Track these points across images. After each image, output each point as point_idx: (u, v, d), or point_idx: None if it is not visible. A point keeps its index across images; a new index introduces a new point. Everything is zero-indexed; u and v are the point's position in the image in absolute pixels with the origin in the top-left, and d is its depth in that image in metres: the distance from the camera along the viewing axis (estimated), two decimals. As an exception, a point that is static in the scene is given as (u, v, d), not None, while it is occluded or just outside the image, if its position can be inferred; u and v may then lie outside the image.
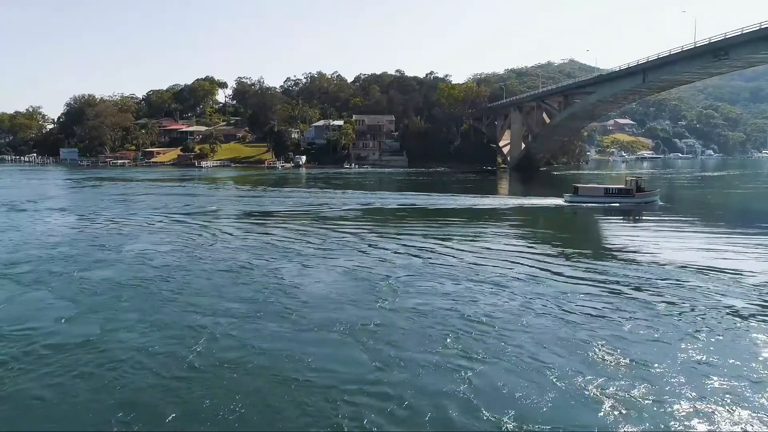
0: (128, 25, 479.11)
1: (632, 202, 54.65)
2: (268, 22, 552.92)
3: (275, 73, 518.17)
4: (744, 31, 72.09)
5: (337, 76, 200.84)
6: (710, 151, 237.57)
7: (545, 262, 28.16)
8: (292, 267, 26.87)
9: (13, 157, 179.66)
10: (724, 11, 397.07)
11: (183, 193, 72.79)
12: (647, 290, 22.78)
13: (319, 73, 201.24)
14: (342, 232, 38.02)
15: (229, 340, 17.07)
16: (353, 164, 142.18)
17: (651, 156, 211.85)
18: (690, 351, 16.39)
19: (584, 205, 53.69)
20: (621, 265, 27.66)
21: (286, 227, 40.71)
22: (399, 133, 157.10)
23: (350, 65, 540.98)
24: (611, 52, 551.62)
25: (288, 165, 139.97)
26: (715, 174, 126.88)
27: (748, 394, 13.71)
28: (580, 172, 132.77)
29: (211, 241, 34.62)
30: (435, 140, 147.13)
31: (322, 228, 40.03)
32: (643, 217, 49.27)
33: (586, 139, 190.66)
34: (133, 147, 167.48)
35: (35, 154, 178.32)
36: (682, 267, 27.04)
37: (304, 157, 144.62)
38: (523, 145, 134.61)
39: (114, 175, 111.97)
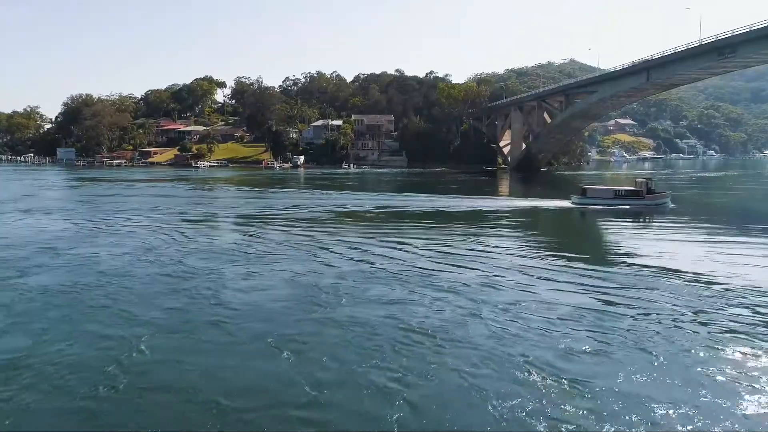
0: (128, 25, 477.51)
1: (642, 204, 52.25)
2: (268, 21, 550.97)
3: (275, 73, 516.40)
4: (752, 28, 69.62)
5: (336, 75, 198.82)
6: (712, 152, 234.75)
7: (553, 269, 25.78)
8: (238, 273, 25.45)
9: (10, 157, 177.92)
10: (728, 9, 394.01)
11: (163, 194, 70.39)
12: (663, 311, 20.34)
13: (319, 73, 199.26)
14: (326, 237, 35.80)
15: (154, 355, 15.85)
16: (352, 164, 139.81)
17: (652, 156, 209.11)
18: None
19: (592, 207, 51.28)
20: (636, 276, 25.21)
21: (249, 230, 39.17)
22: (398, 133, 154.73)
23: (350, 65, 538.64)
24: (612, 52, 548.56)
25: (286, 165, 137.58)
26: (720, 174, 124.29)
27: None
28: (582, 172, 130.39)
29: (166, 244, 32.98)
30: (435, 140, 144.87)
31: (293, 232, 38.21)
32: (655, 221, 46.79)
33: (587, 139, 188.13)
34: (131, 147, 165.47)
35: (32, 154, 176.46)
36: (702, 278, 24.60)
37: (302, 157, 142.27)
38: (524, 145, 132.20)
39: (107, 175, 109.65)
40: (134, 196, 67.32)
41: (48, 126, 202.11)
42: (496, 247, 32.46)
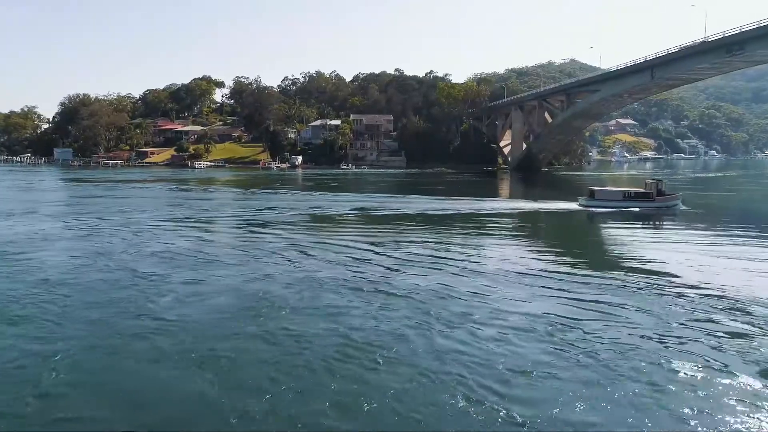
0: (128, 24, 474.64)
1: (652, 207, 49.69)
2: (268, 21, 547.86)
3: (275, 72, 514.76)
4: (761, 25, 67.12)
5: (335, 75, 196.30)
6: (713, 152, 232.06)
7: (555, 279, 23.05)
8: (182, 280, 23.47)
9: (6, 157, 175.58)
10: (730, 9, 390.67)
11: (145, 195, 67.44)
12: (665, 329, 17.72)
13: (318, 73, 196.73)
14: (299, 242, 33.21)
15: (65, 374, 14.19)
16: (350, 165, 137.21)
17: (654, 156, 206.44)
18: None
19: (601, 209, 48.74)
20: (645, 287, 22.57)
21: (214, 234, 36.83)
22: (397, 133, 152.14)
23: (349, 65, 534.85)
24: (613, 53, 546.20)
25: (283, 165, 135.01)
26: (723, 175, 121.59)
27: None
28: (583, 173, 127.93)
29: (120, 249, 30.59)
30: (434, 140, 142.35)
31: (261, 236, 35.82)
32: (666, 224, 44.23)
33: (588, 139, 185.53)
34: (128, 147, 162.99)
35: (29, 155, 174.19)
36: (716, 290, 22.00)
37: (300, 158, 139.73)
38: (524, 145, 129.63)
39: (97, 176, 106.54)
40: (115, 197, 64.59)
41: (46, 126, 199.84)
42: (492, 252, 29.93)
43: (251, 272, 24.95)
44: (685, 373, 14.24)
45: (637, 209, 49.12)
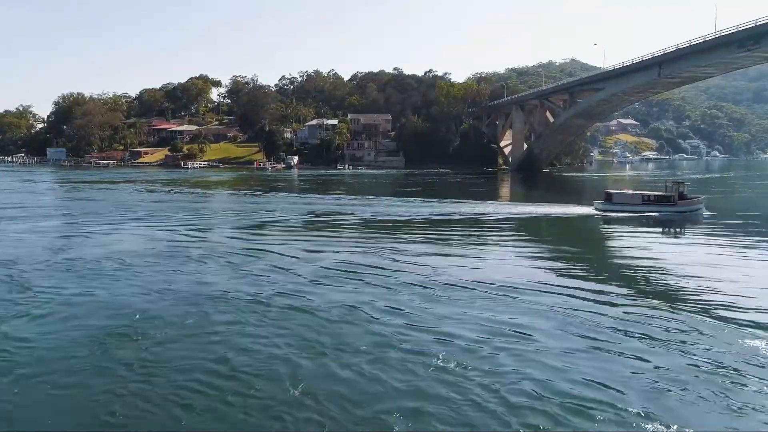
0: (127, 24, 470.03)
1: (674, 212, 45.41)
2: (268, 20, 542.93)
3: (274, 72, 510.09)
4: (778, 17, 62.85)
5: (333, 74, 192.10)
6: (715, 152, 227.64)
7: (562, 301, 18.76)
8: (53, 293, 20.37)
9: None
10: (743, 5, 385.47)
11: (100, 198, 62.54)
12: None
13: (316, 72, 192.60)
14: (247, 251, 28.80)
15: None
16: (347, 165, 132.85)
17: (656, 157, 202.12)
18: None
19: (618, 214, 44.59)
20: (666, 311, 18.24)
21: (146, 241, 32.57)
22: (396, 133, 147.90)
23: (348, 64, 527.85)
24: (613, 53, 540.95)
25: (279, 166, 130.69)
26: (730, 175, 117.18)
27: None
28: (585, 174, 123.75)
29: (33, 256, 27.02)
30: (433, 140, 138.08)
31: (200, 242, 32.27)
32: (691, 231, 39.94)
33: (589, 139, 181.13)
34: (122, 147, 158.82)
35: (23, 154, 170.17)
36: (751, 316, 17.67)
37: (296, 158, 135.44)
38: (525, 146, 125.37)
39: (85, 176, 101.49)
40: (64, 199, 60.44)
41: (41, 126, 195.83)
42: (503, 270, 25.34)
43: (148, 286, 21.33)
44: None
45: (657, 214, 45.01)
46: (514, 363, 14.13)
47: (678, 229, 40.90)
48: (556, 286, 21.90)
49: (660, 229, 40.91)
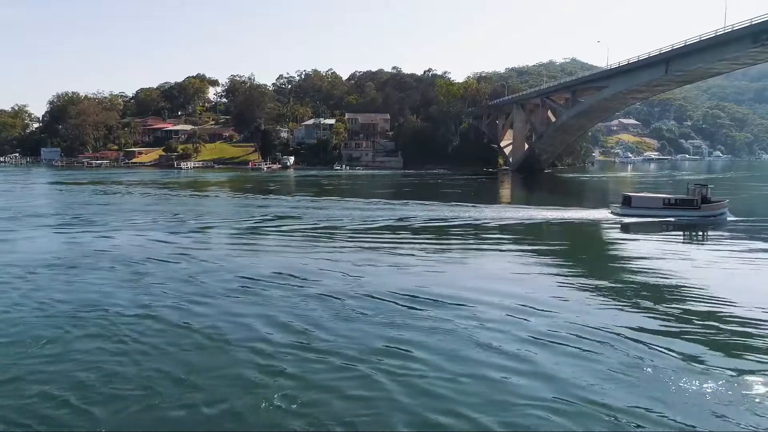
0: (127, 23, 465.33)
1: (697, 216, 41.78)
2: (267, 19, 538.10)
3: (272, 71, 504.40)
4: (795, 10, 58.61)
5: (331, 73, 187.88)
6: (718, 152, 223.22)
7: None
8: None
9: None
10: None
11: (60, 199, 59.07)
12: None
13: (314, 71, 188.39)
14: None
15: None
16: (344, 165, 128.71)
17: (658, 157, 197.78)
18: None
19: (637, 219, 40.84)
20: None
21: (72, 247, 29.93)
22: (394, 133, 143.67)
23: (347, 64, 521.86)
24: (617, 52, 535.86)
25: (274, 166, 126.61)
26: (740, 175, 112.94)
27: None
28: (588, 174, 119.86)
29: None
30: (432, 140, 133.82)
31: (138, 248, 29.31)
32: (716, 238, 36.14)
33: (590, 139, 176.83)
34: (116, 147, 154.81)
35: (17, 155, 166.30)
36: None
37: (292, 158, 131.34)
38: (526, 146, 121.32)
39: (70, 177, 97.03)
40: (31, 200, 56.78)
41: (36, 125, 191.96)
42: (518, 293, 21.44)
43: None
44: None
45: (679, 219, 41.22)
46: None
47: (705, 236, 37.16)
48: (577, 310, 18.18)
49: (685, 236, 37.23)
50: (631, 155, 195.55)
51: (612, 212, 43.77)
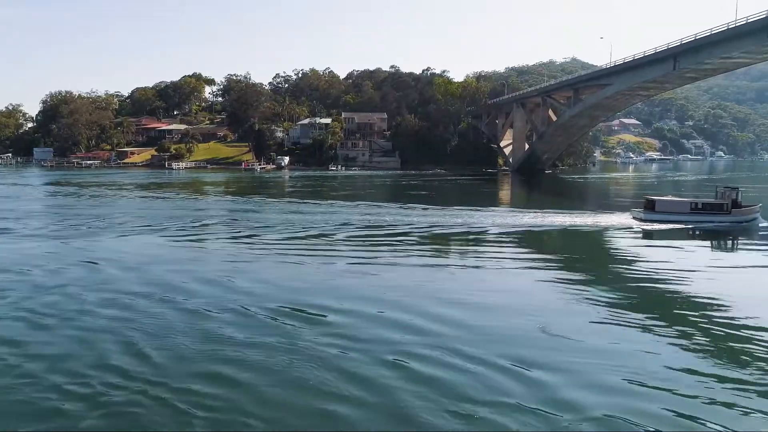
0: (124, 22, 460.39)
1: (727, 222, 37.62)
2: (266, 19, 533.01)
3: (272, 70, 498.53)
4: (817, -1, 54.10)
5: (329, 72, 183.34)
6: (720, 153, 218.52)
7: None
8: None
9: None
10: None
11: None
12: None
13: (312, 70, 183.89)
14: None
15: None
16: (340, 166, 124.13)
17: (660, 158, 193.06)
18: None
19: (662, 225, 36.67)
20: None
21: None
22: (391, 132, 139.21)
23: (346, 63, 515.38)
24: (619, 51, 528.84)
25: (268, 167, 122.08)
26: (748, 176, 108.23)
27: None
28: (590, 175, 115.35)
29: None
30: (430, 140, 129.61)
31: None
32: (753, 246, 32.02)
33: (591, 139, 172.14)
34: (109, 147, 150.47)
35: (11, 154, 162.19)
36: None
37: (286, 158, 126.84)
38: (527, 146, 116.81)
39: (51, 178, 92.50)
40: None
41: (30, 125, 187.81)
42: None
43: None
44: None
45: (707, 224, 37.05)
46: None
47: (738, 244, 32.85)
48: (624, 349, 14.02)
49: (716, 244, 33.00)
50: (632, 155, 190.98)
51: (634, 217, 39.67)
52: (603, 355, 14.05)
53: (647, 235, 34.98)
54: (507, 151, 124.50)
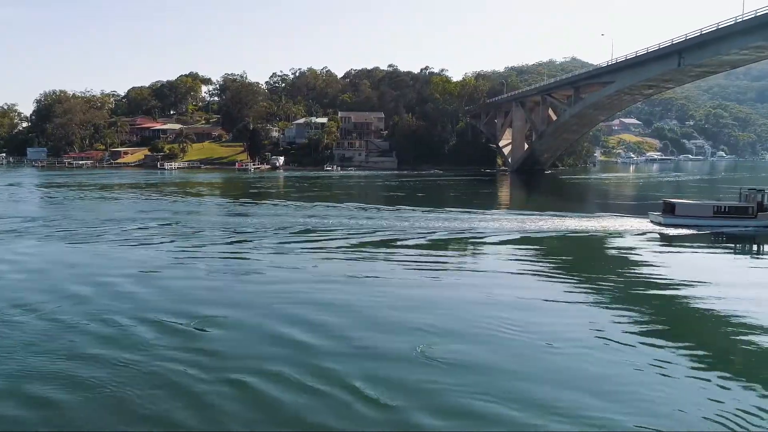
0: (122, 22, 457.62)
1: (753, 226, 34.71)
2: (266, 18, 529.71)
3: (270, 70, 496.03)
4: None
5: (326, 71, 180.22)
6: (721, 153, 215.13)
7: None
8: None
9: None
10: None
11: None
12: None
13: (309, 69, 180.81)
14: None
15: None
16: (336, 166, 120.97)
17: (661, 158, 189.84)
18: None
19: (682, 230, 33.81)
20: None
21: None
22: (388, 132, 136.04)
23: (344, 63, 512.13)
24: (620, 50, 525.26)
25: (263, 167, 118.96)
26: (755, 176, 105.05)
27: None
28: (592, 176, 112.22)
29: None
30: (428, 140, 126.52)
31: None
32: None
33: (591, 138, 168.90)
34: (102, 146, 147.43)
35: (4, 154, 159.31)
36: None
37: (281, 158, 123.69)
38: (526, 145, 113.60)
39: (36, 179, 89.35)
40: None
41: (25, 125, 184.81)
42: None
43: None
44: None
45: (731, 229, 34.21)
46: None
47: (765, 251, 29.78)
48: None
49: (742, 250, 30.03)
50: (633, 156, 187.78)
51: (652, 221, 36.81)
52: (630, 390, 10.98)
53: (665, 239, 31.99)
54: (506, 151, 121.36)
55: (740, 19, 61.30)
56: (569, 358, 13.50)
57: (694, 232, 33.52)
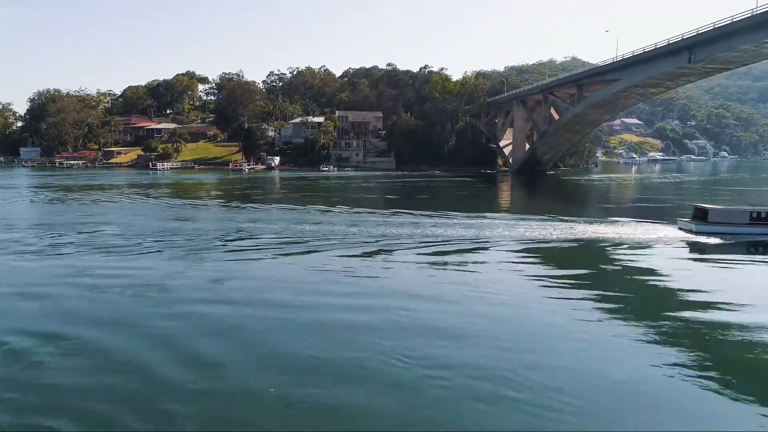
0: (121, 22, 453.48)
1: None
2: (265, 17, 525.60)
3: (268, 69, 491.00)
4: None
5: (324, 70, 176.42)
6: (723, 153, 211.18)
7: None
8: None
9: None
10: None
11: None
12: None
13: (307, 68, 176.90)
14: None
15: None
16: (332, 166, 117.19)
17: (663, 158, 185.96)
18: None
19: (716, 239, 30.20)
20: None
21: None
22: (387, 132, 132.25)
23: (341, 61, 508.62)
24: (622, 49, 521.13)
25: (258, 167, 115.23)
26: (760, 177, 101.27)
27: None
28: (594, 176, 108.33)
29: None
30: (427, 139, 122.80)
31: None
32: None
33: (592, 138, 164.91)
34: (96, 146, 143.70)
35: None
36: None
37: (277, 159, 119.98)
38: (527, 146, 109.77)
39: (23, 180, 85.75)
40: None
41: (20, 124, 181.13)
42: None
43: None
44: None
45: None
46: None
47: None
48: None
49: None
50: (635, 156, 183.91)
51: (681, 228, 33.11)
52: None
53: (698, 249, 28.36)
54: (507, 151, 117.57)
55: (756, 12, 57.52)
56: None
57: (730, 241, 29.84)
